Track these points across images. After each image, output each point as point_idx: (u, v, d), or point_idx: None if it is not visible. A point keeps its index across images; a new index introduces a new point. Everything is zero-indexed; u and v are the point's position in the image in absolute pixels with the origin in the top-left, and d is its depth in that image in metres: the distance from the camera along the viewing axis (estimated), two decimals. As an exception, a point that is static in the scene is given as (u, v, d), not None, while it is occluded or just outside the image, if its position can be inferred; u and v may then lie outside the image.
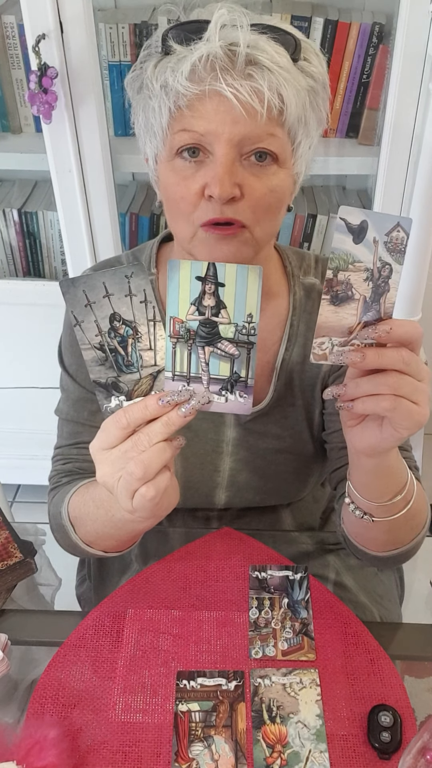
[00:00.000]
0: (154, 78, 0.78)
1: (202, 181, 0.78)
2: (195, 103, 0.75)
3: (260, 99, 0.74)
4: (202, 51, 0.73)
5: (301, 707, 0.82)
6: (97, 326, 0.70)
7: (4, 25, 1.53)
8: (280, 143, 0.78)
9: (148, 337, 0.71)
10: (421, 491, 0.87)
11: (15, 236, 1.77)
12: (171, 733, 0.80)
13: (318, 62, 0.80)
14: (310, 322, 0.97)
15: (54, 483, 1.00)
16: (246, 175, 0.78)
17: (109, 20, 1.51)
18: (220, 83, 0.73)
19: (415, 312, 1.64)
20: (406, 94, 1.40)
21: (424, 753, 0.70)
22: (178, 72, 0.75)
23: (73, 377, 1.00)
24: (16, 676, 0.88)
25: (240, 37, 0.73)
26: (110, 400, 0.71)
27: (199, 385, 0.69)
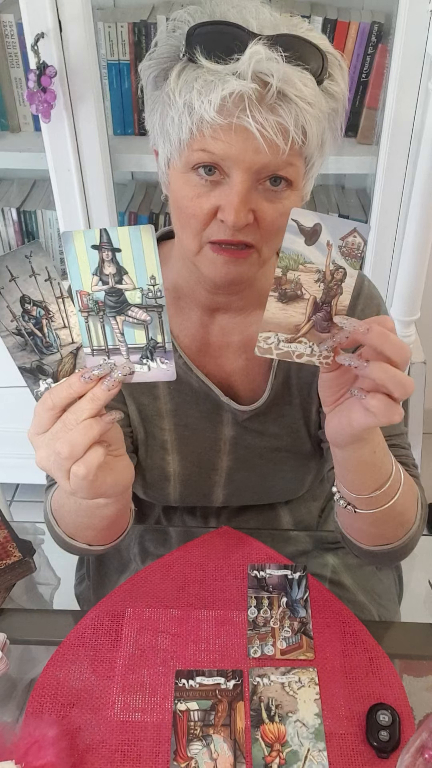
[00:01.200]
0: (177, 91, 0.75)
1: (215, 201, 0.78)
2: (218, 131, 0.74)
3: (284, 135, 0.74)
4: (233, 87, 0.72)
5: (300, 706, 0.82)
6: (11, 311, 0.69)
7: (3, 23, 1.53)
8: (296, 170, 0.79)
9: (60, 315, 0.70)
10: (412, 489, 0.87)
11: (14, 235, 1.77)
12: (170, 732, 0.80)
13: (341, 76, 0.79)
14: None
15: (50, 480, 0.99)
16: (260, 200, 0.78)
17: (108, 19, 1.51)
18: (248, 119, 0.72)
19: (413, 311, 1.64)
20: (405, 94, 1.40)
21: (423, 752, 0.70)
22: (206, 99, 0.73)
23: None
24: (14, 675, 0.88)
25: (273, 70, 0.72)
26: (38, 384, 0.71)
27: (119, 357, 0.69)
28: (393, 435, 0.96)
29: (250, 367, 0.98)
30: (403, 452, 0.97)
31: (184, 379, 0.97)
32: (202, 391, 0.98)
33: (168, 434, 1.00)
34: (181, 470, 1.02)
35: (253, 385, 0.99)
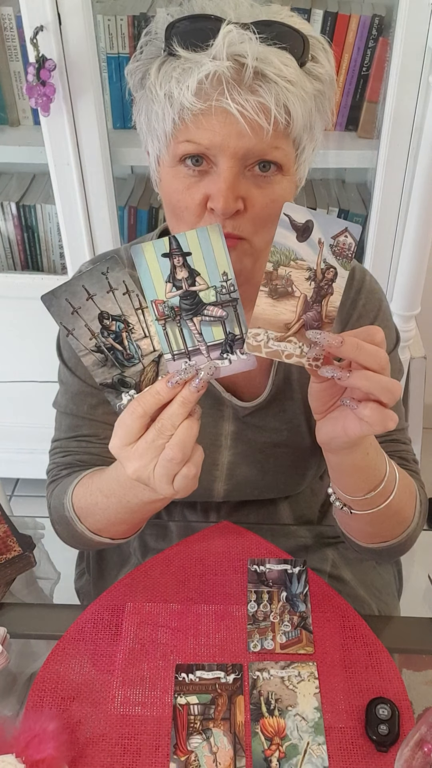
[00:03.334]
0: (158, 83, 0.76)
1: (205, 190, 0.78)
2: (200, 117, 0.74)
3: (266, 114, 0.73)
4: (209, 68, 0.71)
5: (300, 700, 0.82)
6: (89, 330, 0.69)
7: (2, 16, 1.52)
8: (284, 153, 0.78)
9: (140, 326, 0.71)
10: (409, 487, 0.88)
11: (13, 230, 1.76)
12: (170, 726, 0.80)
13: (326, 59, 0.79)
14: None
15: (53, 476, 0.99)
16: (249, 186, 0.78)
17: (108, 12, 1.50)
18: (227, 100, 0.72)
19: (414, 307, 1.64)
20: (405, 87, 1.40)
21: (422, 745, 0.70)
22: (184, 85, 0.73)
23: (72, 370, 1.00)
24: (15, 669, 0.88)
25: (248, 50, 0.71)
26: (121, 398, 0.71)
27: (201, 357, 0.69)
28: (394, 430, 0.96)
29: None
30: (403, 447, 0.98)
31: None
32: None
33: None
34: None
35: (255, 381, 0.99)
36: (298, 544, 1.08)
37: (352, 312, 0.96)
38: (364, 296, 0.96)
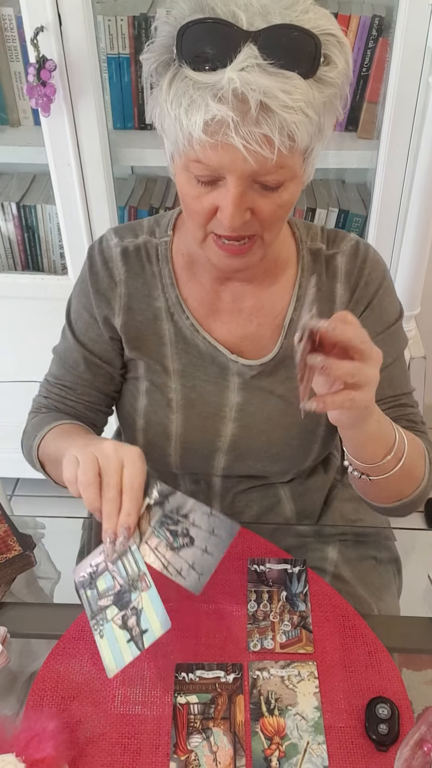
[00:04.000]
0: (169, 102, 0.78)
1: (214, 201, 0.82)
2: (207, 148, 0.77)
3: (270, 145, 0.76)
4: (214, 112, 0.74)
5: (300, 699, 0.82)
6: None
7: (2, 17, 1.52)
8: (290, 169, 0.81)
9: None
10: (418, 447, 0.94)
11: (14, 230, 1.76)
12: (170, 726, 0.80)
13: (340, 54, 0.79)
14: (318, 283, 0.99)
15: (34, 409, 1.11)
16: (256, 197, 0.82)
17: (108, 12, 1.50)
18: (232, 135, 0.75)
19: (413, 307, 1.64)
20: (405, 88, 1.40)
21: (422, 745, 0.70)
22: (192, 120, 0.76)
23: (72, 324, 1.06)
24: (15, 668, 0.88)
25: (253, 86, 0.73)
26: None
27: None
28: (401, 394, 1.03)
29: (261, 332, 1.01)
30: (411, 411, 1.03)
31: (191, 341, 1.00)
32: (208, 354, 1.00)
33: (174, 393, 1.02)
34: (183, 431, 1.03)
35: (264, 351, 1.01)
36: (298, 543, 1.08)
37: (359, 280, 0.99)
38: (369, 266, 1.00)
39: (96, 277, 1.01)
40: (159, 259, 1.00)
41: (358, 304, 1.00)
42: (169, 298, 1.00)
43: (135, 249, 1.00)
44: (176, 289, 0.99)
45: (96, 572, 0.84)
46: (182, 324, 1.00)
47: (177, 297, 0.99)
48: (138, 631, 0.78)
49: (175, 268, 1.00)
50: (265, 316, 1.00)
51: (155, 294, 1.00)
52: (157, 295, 1.00)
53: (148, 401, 1.03)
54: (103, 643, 0.79)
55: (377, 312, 1.01)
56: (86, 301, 1.02)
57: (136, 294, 1.00)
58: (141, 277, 1.00)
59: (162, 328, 1.00)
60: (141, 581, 0.79)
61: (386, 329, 1.02)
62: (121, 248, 1.00)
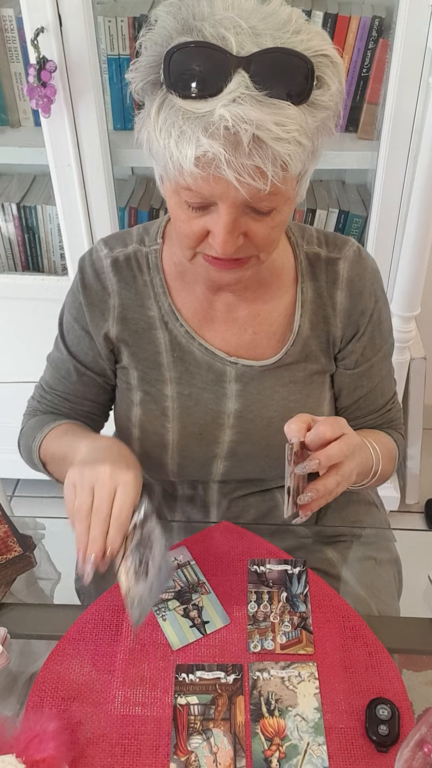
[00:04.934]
0: (157, 130, 0.76)
1: (205, 225, 0.81)
2: (198, 179, 0.76)
3: (263, 176, 0.74)
4: (205, 148, 0.72)
5: (300, 700, 0.82)
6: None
7: (3, 18, 1.52)
8: (283, 194, 0.80)
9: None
10: (390, 453, 1.04)
11: (14, 230, 1.76)
12: (170, 726, 0.80)
13: (333, 75, 0.77)
14: (317, 288, 0.99)
15: (29, 413, 1.13)
16: (249, 221, 0.81)
17: (108, 13, 1.50)
18: (224, 170, 0.73)
19: (413, 307, 1.64)
20: (405, 88, 1.40)
21: (422, 746, 0.70)
22: (182, 153, 0.74)
23: (65, 336, 1.05)
24: (15, 669, 0.88)
25: (244, 120, 0.70)
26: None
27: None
28: (389, 400, 1.09)
29: (258, 340, 1.00)
30: (393, 414, 1.10)
31: (186, 348, 0.99)
32: (204, 361, 0.99)
33: (170, 401, 1.01)
34: (179, 439, 1.02)
35: (262, 357, 1.00)
36: (298, 544, 1.08)
37: (362, 289, 0.99)
38: (370, 274, 1.00)
39: (88, 290, 1.00)
40: (150, 268, 0.99)
41: (363, 315, 0.99)
42: (162, 307, 0.99)
43: (125, 259, 0.99)
44: (168, 298, 0.98)
45: None
46: (177, 332, 0.99)
47: (170, 305, 0.98)
48: (200, 621, 0.90)
49: (166, 277, 0.99)
50: (261, 324, 0.99)
51: (148, 303, 0.99)
52: (150, 305, 0.99)
53: (142, 411, 1.02)
54: (166, 624, 0.89)
55: (377, 324, 1.01)
56: (78, 314, 1.02)
57: (129, 304, 0.99)
58: (133, 287, 0.99)
59: (157, 337, 0.99)
60: (201, 587, 0.93)
61: (385, 343, 1.04)
62: (111, 259, 0.99)
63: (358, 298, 0.99)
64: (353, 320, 0.99)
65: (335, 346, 1.01)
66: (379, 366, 1.04)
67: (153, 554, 0.82)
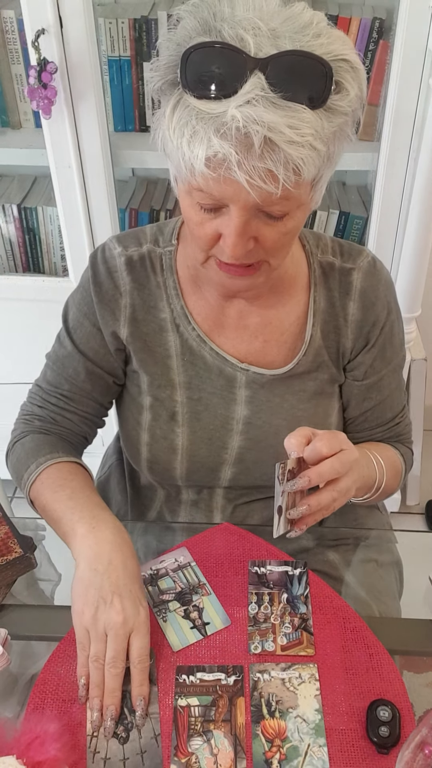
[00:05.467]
0: (171, 129, 0.76)
1: (218, 227, 0.81)
2: (209, 181, 0.75)
3: (275, 180, 0.73)
4: (216, 148, 0.71)
5: (300, 702, 0.82)
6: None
7: (4, 19, 1.52)
8: (296, 199, 0.79)
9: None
10: (395, 467, 1.05)
11: (14, 232, 1.77)
12: (170, 728, 0.80)
13: (353, 80, 0.76)
14: (330, 298, 0.98)
15: (25, 421, 1.06)
16: (260, 225, 0.80)
17: (109, 15, 1.51)
18: (235, 172, 0.72)
19: (414, 309, 1.64)
20: (406, 90, 1.40)
21: (423, 747, 0.70)
22: (194, 153, 0.73)
23: (71, 332, 1.03)
24: (16, 670, 0.88)
25: (257, 121, 0.70)
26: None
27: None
28: (398, 412, 1.08)
29: (267, 349, 1.00)
30: (402, 429, 1.10)
31: (197, 352, 0.99)
32: (215, 366, 0.99)
33: (180, 406, 1.01)
34: (189, 444, 1.02)
35: (270, 366, 1.00)
36: (299, 546, 1.08)
37: (376, 301, 0.98)
38: (384, 286, 0.99)
39: (100, 287, 0.98)
40: (164, 270, 0.98)
41: (375, 327, 0.99)
42: (174, 309, 0.98)
43: (140, 258, 0.98)
44: (181, 300, 0.98)
45: (157, 574, 0.95)
46: (188, 335, 0.98)
47: (182, 308, 0.98)
48: (201, 622, 0.90)
49: (180, 279, 0.98)
50: (272, 332, 0.99)
51: (160, 305, 0.98)
52: (163, 307, 0.98)
53: (152, 416, 1.02)
54: (167, 626, 0.90)
55: (388, 336, 1.01)
56: (88, 311, 1.00)
57: (141, 305, 0.98)
58: (146, 288, 0.98)
59: (167, 340, 0.99)
60: (201, 588, 0.93)
61: (396, 356, 1.03)
62: (125, 258, 0.98)
63: (371, 309, 0.98)
64: (364, 332, 0.99)
65: (345, 357, 1.01)
66: (389, 379, 1.03)
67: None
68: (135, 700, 0.81)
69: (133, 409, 1.05)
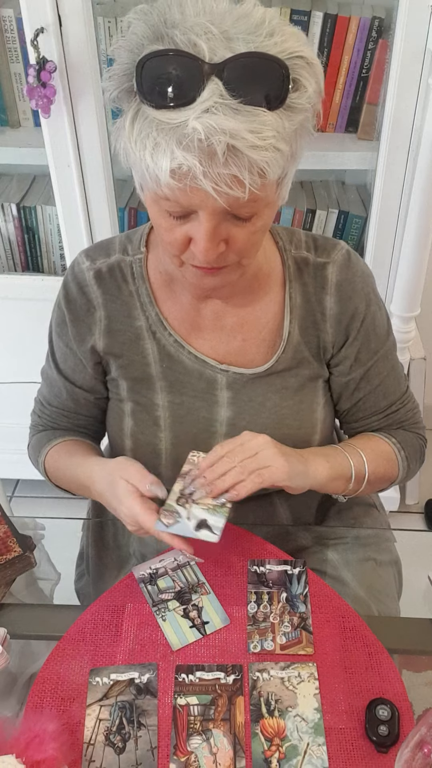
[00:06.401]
0: (132, 141, 0.75)
1: (187, 232, 0.80)
2: (176, 191, 0.75)
3: (241, 185, 0.73)
4: (180, 160, 0.71)
5: (300, 701, 0.82)
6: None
7: (3, 18, 1.52)
8: (263, 199, 0.78)
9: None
10: (384, 454, 1.03)
11: (14, 231, 1.76)
12: (170, 727, 0.80)
13: (310, 76, 0.75)
14: (306, 293, 0.98)
15: (33, 427, 1.15)
16: (230, 227, 0.80)
17: (108, 14, 1.50)
18: (200, 181, 0.72)
19: (413, 308, 1.64)
20: (405, 89, 1.40)
21: (422, 746, 0.70)
22: (158, 166, 0.73)
23: (54, 354, 1.06)
24: (15, 669, 0.88)
25: (217, 131, 0.69)
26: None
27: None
28: (395, 401, 1.06)
29: (247, 347, 0.99)
30: (401, 415, 1.07)
31: (175, 357, 0.99)
32: (195, 370, 0.99)
33: (162, 410, 1.01)
34: (173, 448, 1.02)
35: (251, 364, 1.00)
36: (298, 545, 1.08)
37: (352, 294, 0.98)
38: (360, 278, 0.98)
39: (73, 304, 0.99)
40: (135, 278, 0.98)
41: (354, 320, 0.98)
42: (150, 317, 0.98)
43: (108, 270, 0.98)
44: (156, 307, 0.98)
45: (156, 574, 0.96)
46: (165, 341, 0.98)
47: (157, 315, 0.98)
48: (200, 621, 0.90)
49: (152, 286, 0.98)
50: (250, 330, 0.99)
51: (135, 314, 0.98)
52: (137, 315, 0.98)
53: (134, 422, 1.02)
54: (166, 625, 0.90)
55: (371, 327, 1.00)
56: (62, 331, 1.02)
57: (115, 316, 0.98)
58: (119, 299, 0.98)
59: (145, 347, 0.99)
60: (200, 588, 0.94)
61: (382, 346, 1.02)
62: (93, 271, 0.97)
63: (348, 302, 0.97)
64: (343, 325, 0.98)
65: (327, 352, 1.00)
66: (378, 368, 1.03)
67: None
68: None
69: (114, 417, 1.05)
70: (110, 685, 0.83)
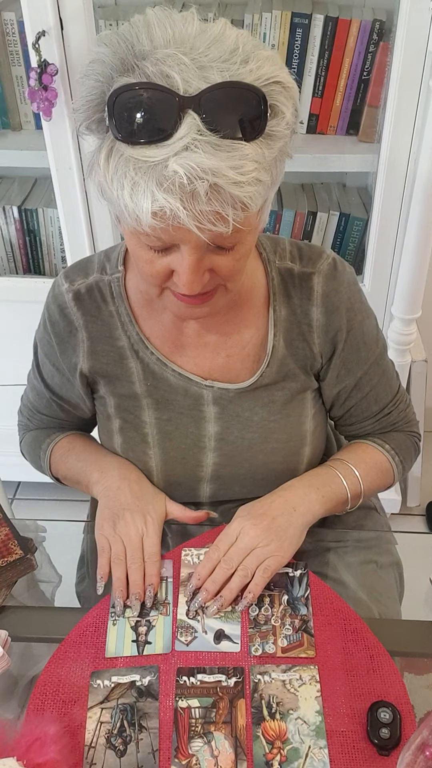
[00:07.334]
0: (108, 179, 0.72)
1: (169, 264, 0.79)
2: (158, 230, 0.73)
3: (224, 220, 0.71)
4: (161, 203, 0.69)
5: (301, 704, 0.82)
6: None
7: (4, 21, 1.53)
8: (245, 229, 0.76)
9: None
10: (377, 465, 1.05)
11: (15, 233, 1.77)
12: (171, 730, 0.80)
13: (286, 100, 0.73)
14: (291, 306, 0.96)
15: (22, 428, 1.18)
16: (213, 257, 0.79)
17: (109, 17, 1.51)
18: (183, 220, 0.70)
19: (415, 310, 1.64)
20: (406, 92, 1.40)
21: (424, 749, 0.70)
22: (138, 207, 0.70)
23: (40, 368, 1.07)
24: (16, 672, 0.88)
25: (198, 171, 0.67)
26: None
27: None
28: (386, 404, 1.06)
29: (231, 363, 0.98)
30: (395, 416, 1.08)
31: (159, 375, 0.98)
32: (180, 387, 0.98)
33: (149, 428, 1.00)
34: (163, 465, 1.02)
35: (236, 380, 0.99)
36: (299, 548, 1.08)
37: (339, 304, 0.96)
38: (346, 287, 0.96)
39: (56, 327, 0.98)
40: (114, 298, 0.96)
41: (341, 332, 0.97)
42: (131, 336, 0.97)
43: (87, 290, 0.96)
44: (136, 326, 0.96)
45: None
46: (148, 360, 0.97)
47: (138, 334, 0.97)
48: (143, 639, 0.88)
49: (132, 305, 0.96)
50: (233, 347, 0.98)
51: (116, 333, 0.97)
52: (119, 335, 0.97)
53: (123, 439, 1.02)
54: (113, 630, 0.89)
55: (359, 336, 0.99)
56: (49, 351, 1.02)
57: (97, 336, 0.97)
58: (99, 319, 0.97)
59: (129, 367, 0.98)
60: (163, 606, 0.92)
61: (372, 353, 1.01)
62: (72, 293, 0.96)
63: (335, 314, 0.96)
64: (330, 336, 0.97)
65: (316, 362, 0.99)
66: (369, 376, 1.02)
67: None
68: (145, 588, 0.92)
69: (104, 434, 1.06)
70: (111, 688, 0.83)
